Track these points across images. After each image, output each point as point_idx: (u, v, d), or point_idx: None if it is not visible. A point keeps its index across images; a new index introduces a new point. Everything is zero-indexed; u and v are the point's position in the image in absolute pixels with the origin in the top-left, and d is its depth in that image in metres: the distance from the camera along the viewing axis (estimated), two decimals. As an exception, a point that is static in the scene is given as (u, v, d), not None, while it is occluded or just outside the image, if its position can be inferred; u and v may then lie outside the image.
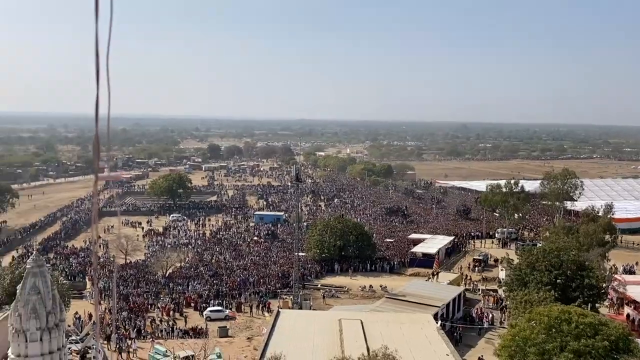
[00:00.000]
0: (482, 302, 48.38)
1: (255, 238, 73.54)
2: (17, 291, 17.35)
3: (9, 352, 17.02)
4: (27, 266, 17.64)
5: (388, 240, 71.40)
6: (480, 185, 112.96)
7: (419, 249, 62.75)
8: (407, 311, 38.15)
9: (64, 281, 44.73)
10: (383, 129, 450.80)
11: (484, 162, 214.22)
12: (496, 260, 61.60)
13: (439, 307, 40.01)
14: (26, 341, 16.66)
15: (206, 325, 41.67)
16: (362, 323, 31.72)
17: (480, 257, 61.53)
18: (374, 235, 70.72)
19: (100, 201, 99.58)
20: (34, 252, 18.73)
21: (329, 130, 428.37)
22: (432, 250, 61.48)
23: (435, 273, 54.35)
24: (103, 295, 48.19)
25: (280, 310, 36.87)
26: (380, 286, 52.15)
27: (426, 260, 59.59)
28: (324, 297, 49.66)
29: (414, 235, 71.85)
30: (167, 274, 54.43)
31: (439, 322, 35.53)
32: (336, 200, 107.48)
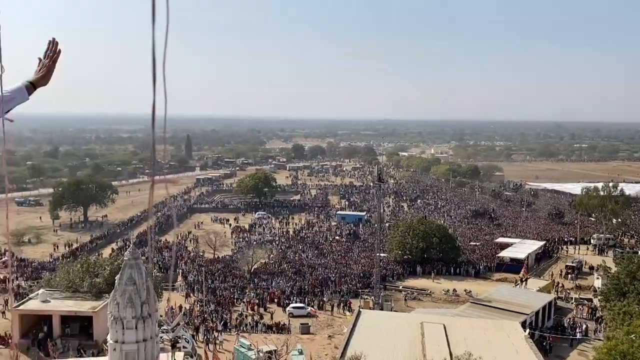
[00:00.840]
0: (575, 311, 45.64)
1: (337, 237, 74.04)
2: (116, 281, 18.62)
3: (108, 337, 18.31)
4: (125, 258, 18.88)
5: (473, 243, 69.25)
6: (575, 188, 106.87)
7: (506, 254, 60.39)
8: (492, 317, 36.78)
9: (157, 273, 47.42)
10: (469, 128, 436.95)
11: (579, 164, 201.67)
12: (591, 268, 57.93)
13: (527, 314, 38.25)
14: (123, 328, 17.84)
15: (289, 321, 42.53)
16: (444, 327, 30.99)
17: (574, 264, 58.06)
18: (459, 237, 68.89)
19: (191, 198, 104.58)
20: (131, 245, 20.02)
21: (413, 130, 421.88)
22: (521, 255, 58.84)
23: (523, 279, 51.93)
24: (193, 287, 50.61)
25: (361, 310, 36.87)
26: (465, 290, 50.69)
27: (514, 266, 57.13)
28: (405, 299, 49.06)
29: (501, 239, 69.21)
30: (252, 270, 56.18)
31: (527, 330, 33.96)
32: (419, 201, 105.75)
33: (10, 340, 37.13)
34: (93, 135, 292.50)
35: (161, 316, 37.45)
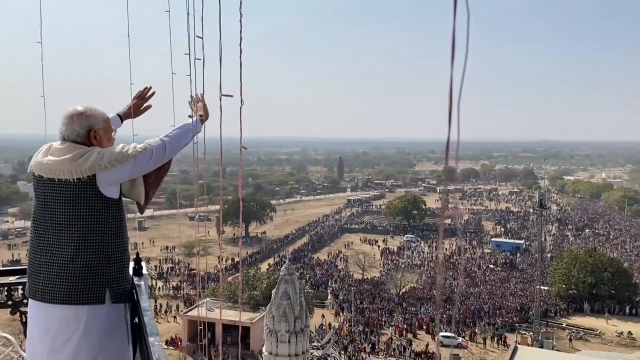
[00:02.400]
0: None
1: (492, 266, 70.11)
2: (272, 295, 19.61)
3: (263, 349, 19.27)
4: (281, 273, 19.83)
5: (654, 280, 60.76)
6: None
7: (697, 295, 52.01)
8: (679, 369, 31.73)
9: (309, 290, 49.05)
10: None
11: None
12: None
13: None
14: (277, 341, 18.67)
15: (438, 350, 41.03)
16: (618, 375, 27.45)
17: None
18: (635, 273, 61.00)
19: (342, 218, 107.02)
20: (286, 261, 20.99)
21: (580, 152, 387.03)
22: None
23: None
24: (342, 307, 51.44)
25: (517, 345, 34.28)
26: (643, 334, 44.52)
27: None
28: (570, 338, 44.49)
29: (690, 278, 59.82)
30: (400, 293, 55.49)
31: None
32: (587, 230, 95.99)
33: (180, 343, 41.10)
34: (255, 157, 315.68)
35: (312, 332, 38.58)
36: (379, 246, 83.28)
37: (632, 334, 44.90)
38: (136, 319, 3.26)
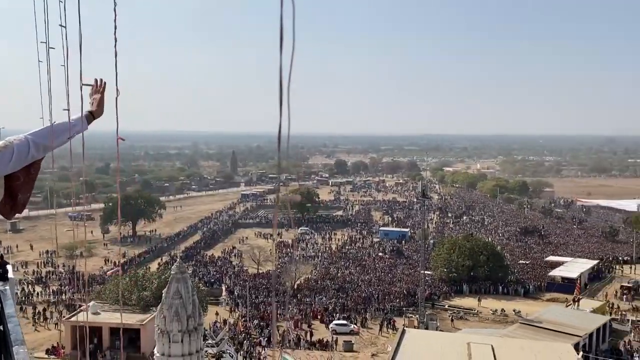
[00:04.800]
0: (631, 334, 43.38)
1: (380, 254, 73.29)
2: (163, 295, 18.96)
3: (155, 350, 18.61)
4: (172, 272, 19.22)
5: (522, 262, 67.11)
6: (630, 205, 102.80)
7: (557, 273, 58.28)
8: (543, 339, 35.35)
9: (203, 288, 48.07)
10: (517, 143, 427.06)
11: (634, 179, 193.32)
12: (650, 289, 55.19)
13: (580, 336, 36.63)
14: (169, 341, 18.10)
15: (332, 338, 42.19)
16: (492, 348, 29.98)
17: (630, 284, 55.40)
18: (507, 256, 66.95)
19: (236, 214, 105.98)
20: (178, 259, 20.38)
21: (458, 145, 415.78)
22: (573, 274, 56.61)
23: (576, 299, 49.83)
24: (237, 302, 51.02)
25: (405, 328, 36.16)
26: (514, 310, 48.99)
27: (566, 285, 55.00)
28: (452, 318, 47.87)
29: (551, 258, 66.84)
30: (295, 286, 56.21)
31: (581, 353, 32.42)
32: (465, 217, 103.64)
33: (63, 351, 38.35)
34: (142, 152, 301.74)
35: (206, 330, 37.88)
36: (273, 240, 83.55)
37: (505, 311, 49.29)
38: (1, 327, 3.00)
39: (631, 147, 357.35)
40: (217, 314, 46.89)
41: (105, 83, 3.82)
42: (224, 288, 56.07)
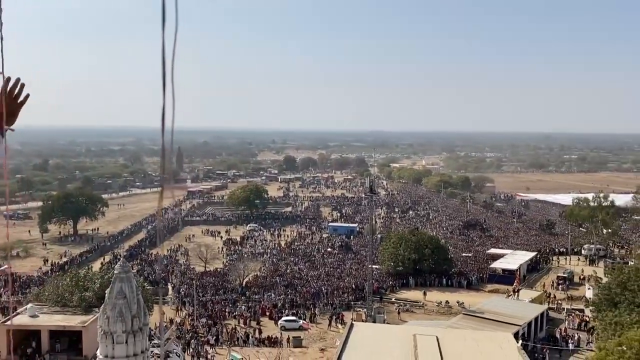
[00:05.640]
0: (566, 322, 45.70)
1: (329, 249, 73.83)
2: (106, 295, 18.40)
3: (98, 352, 18.04)
4: (115, 272, 18.68)
5: (465, 254, 69.31)
6: (565, 199, 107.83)
7: (498, 265, 60.49)
8: (485, 329, 36.70)
9: (148, 287, 46.94)
10: (460, 140, 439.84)
11: (569, 175, 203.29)
12: (582, 278, 58.23)
13: (519, 325, 38.22)
14: (113, 343, 17.59)
15: (281, 334, 42.20)
16: (437, 339, 30.85)
17: (565, 275, 58.26)
18: (451, 249, 68.97)
19: (182, 211, 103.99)
20: (121, 258, 19.82)
21: (404, 142, 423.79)
22: (513, 266, 58.99)
23: (515, 290, 52.02)
24: (184, 301, 50.13)
25: (353, 322, 36.62)
26: (457, 302, 50.61)
27: (506, 277, 57.26)
28: (398, 311, 48.87)
29: (493, 250, 69.33)
30: (244, 283, 55.79)
31: (520, 341, 33.88)
32: (411, 212, 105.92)
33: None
34: (83, 148, 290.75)
35: (152, 330, 37.05)
36: (221, 237, 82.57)
37: (449, 302, 50.79)
38: None
39: (566, 144, 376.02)
40: (163, 313, 45.90)
41: (28, 95, 3.60)
42: (170, 287, 54.98)
